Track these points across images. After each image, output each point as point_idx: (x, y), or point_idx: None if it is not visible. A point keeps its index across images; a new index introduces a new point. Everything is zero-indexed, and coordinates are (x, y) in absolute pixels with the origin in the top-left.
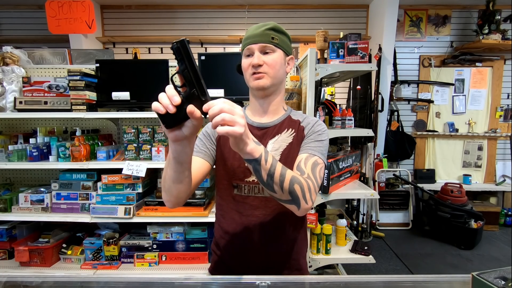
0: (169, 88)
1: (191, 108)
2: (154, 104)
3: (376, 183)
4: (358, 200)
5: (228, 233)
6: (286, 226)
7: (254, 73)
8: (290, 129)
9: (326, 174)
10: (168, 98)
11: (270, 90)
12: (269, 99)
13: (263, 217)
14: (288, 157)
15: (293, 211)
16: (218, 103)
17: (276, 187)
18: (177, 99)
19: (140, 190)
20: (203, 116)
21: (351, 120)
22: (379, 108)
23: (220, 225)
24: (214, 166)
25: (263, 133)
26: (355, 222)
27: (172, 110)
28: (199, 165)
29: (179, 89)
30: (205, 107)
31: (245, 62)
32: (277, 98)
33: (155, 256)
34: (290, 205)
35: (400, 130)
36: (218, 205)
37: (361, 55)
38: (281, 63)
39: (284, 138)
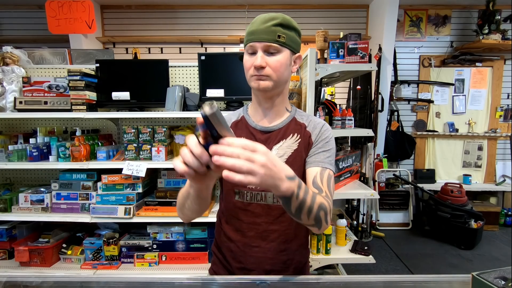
0: (195, 145)
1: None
2: (178, 166)
3: (376, 183)
4: (358, 200)
5: (229, 238)
6: (289, 233)
7: (255, 75)
8: (296, 135)
9: None
10: (196, 158)
11: (273, 92)
12: (271, 100)
13: (265, 225)
14: (294, 163)
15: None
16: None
17: (303, 217)
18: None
19: (140, 190)
20: None
21: (351, 120)
22: (379, 108)
23: (222, 228)
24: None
25: (267, 137)
26: (355, 222)
27: (202, 170)
28: None
29: (199, 139)
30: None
31: (247, 60)
32: (280, 99)
33: (155, 256)
34: (312, 227)
35: (400, 130)
36: (221, 208)
37: (361, 55)
38: (286, 64)
39: (290, 144)
